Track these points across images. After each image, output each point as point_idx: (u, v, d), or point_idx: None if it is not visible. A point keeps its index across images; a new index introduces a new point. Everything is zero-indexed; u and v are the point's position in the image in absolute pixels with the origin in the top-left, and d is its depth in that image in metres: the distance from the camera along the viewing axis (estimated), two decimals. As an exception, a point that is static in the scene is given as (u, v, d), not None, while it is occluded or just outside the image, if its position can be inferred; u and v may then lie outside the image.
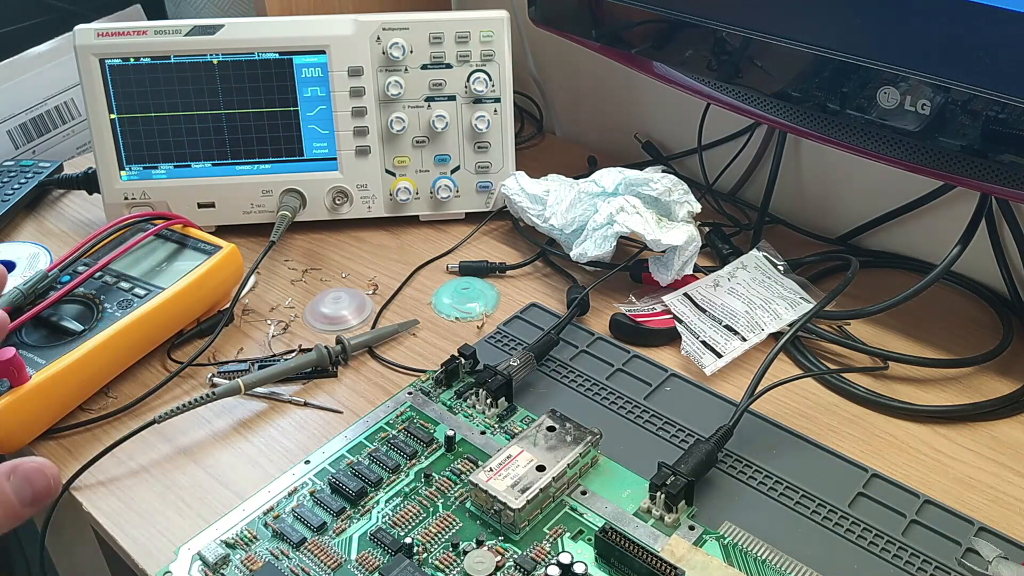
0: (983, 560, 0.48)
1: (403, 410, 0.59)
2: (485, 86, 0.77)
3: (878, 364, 0.64)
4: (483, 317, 0.70)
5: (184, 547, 0.50)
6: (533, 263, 0.76)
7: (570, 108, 1.00)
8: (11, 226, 0.83)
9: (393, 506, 0.52)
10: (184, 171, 0.77)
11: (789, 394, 0.61)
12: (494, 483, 0.51)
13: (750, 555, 0.49)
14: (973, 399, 0.61)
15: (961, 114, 0.52)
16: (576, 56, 0.92)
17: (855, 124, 0.58)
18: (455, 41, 0.77)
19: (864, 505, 0.52)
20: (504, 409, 0.59)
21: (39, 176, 0.87)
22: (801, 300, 0.67)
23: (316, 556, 0.49)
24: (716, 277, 0.70)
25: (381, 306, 0.71)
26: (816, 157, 0.80)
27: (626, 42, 0.70)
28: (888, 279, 0.73)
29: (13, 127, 0.97)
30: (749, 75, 0.63)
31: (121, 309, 0.63)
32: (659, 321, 0.67)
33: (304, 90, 0.76)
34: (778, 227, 0.80)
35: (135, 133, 0.76)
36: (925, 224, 0.74)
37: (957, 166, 0.55)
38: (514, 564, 0.48)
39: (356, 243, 0.79)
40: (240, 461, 0.57)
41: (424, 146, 0.79)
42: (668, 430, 0.58)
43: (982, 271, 0.71)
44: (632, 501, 0.52)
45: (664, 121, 0.91)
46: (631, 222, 0.68)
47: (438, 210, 0.81)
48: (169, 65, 0.75)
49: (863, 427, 0.59)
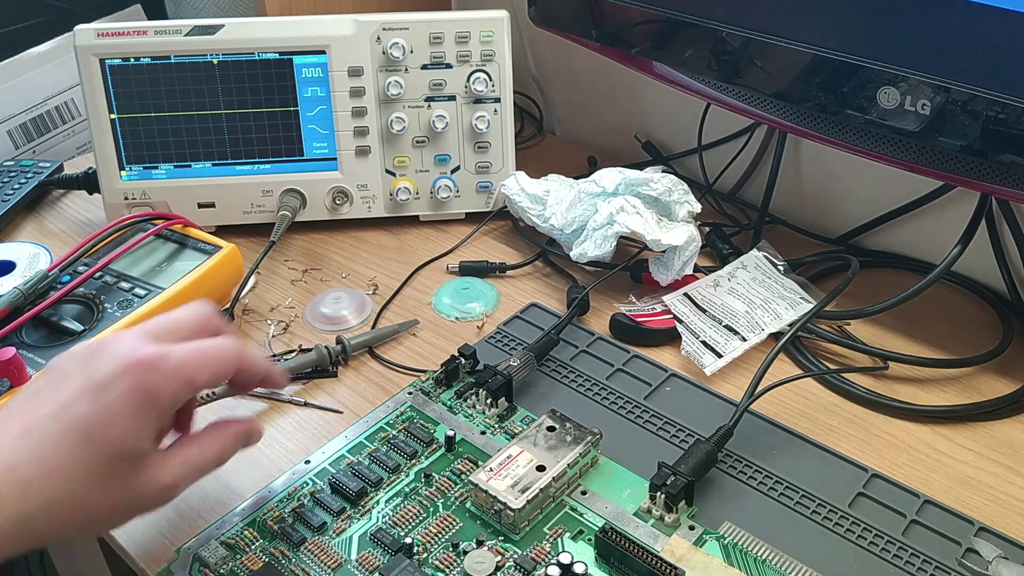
0: (983, 560, 0.48)
1: (403, 410, 0.59)
2: (485, 86, 0.77)
3: (878, 364, 0.64)
4: (483, 317, 0.70)
5: (184, 547, 0.50)
6: (533, 263, 0.76)
7: (570, 108, 1.00)
8: (11, 226, 0.83)
9: (393, 506, 0.52)
10: (184, 171, 0.77)
11: (789, 394, 0.61)
12: (494, 483, 0.51)
13: (750, 555, 0.49)
14: (973, 399, 0.61)
15: (961, 114, 0.52)
16: (576, 56, 0.92)
17: (855, 124, 0.58)
18: (455, 41, 0.77)
19: (864, 505, 0.52)
20: (504, 409, 0.59)
21: (39, 176, 0.87)
22: (801, 300, 0.67)
23: (316, 556, 0.49)
24: (716, 277, 0.70)
25: (381, 306, 0.71)
26: (816, 157, 0.80)
27: (626, 42, 0.70)
28: (888, 279, 0.73)
29: (13, 127, 0.97)
30: (749, 75, 0.63)
31: (121, 309, 0.63)
32: (659, 321, 0.67)
33: (304, 90, 0.76)
34: (778, 227, 0.80)
35: (135, 133, 0.76)
36: (925, 224, 0.74)
37: (957, 166, 0.55)
38: (514, 564, 0.48)
39: (356, 243, 0.79)
40: (240, 461, 0.56)
41: (424, 146, 0.79)
42: (668, 430, 0.58)
43: (982, 271, 0.71)
44: (632, 501, 0.52)
45: (664, 121, 0.91)
46: (631, 222, 0.68)
47: (438, 210, 0.81)
48: (169, 65, 0.75)
49: (863, 427, 0.59)
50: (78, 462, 0.43)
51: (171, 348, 0.46)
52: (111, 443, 0.43)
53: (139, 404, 0.44)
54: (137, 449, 0.45)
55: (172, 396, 0.46)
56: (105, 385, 0.44)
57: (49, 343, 0.61)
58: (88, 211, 0.85)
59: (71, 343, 0.60)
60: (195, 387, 0.47)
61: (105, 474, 0.43)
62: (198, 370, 0.47)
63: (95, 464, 0.43)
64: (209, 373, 0.47)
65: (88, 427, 0.43)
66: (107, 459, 0.43)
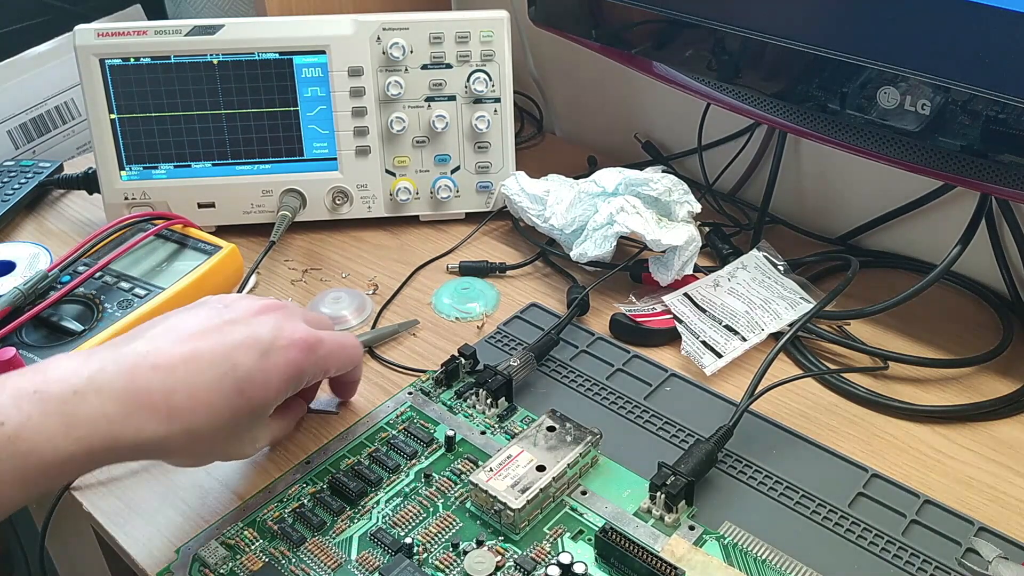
0: (983, 560, 0.48)
1: (403, 410, 0.59)
2: (485, 86, 0.77)
3: (878, 364, 0.64)
4: (483, 317, 0.70)
5: (184, 547, 0.50)
6: (533, 263, 0.76)
7: (570, 108, 1.00)
8: (11, 226, 0.83)
9: (393, 506, 0.52)
10: (184, 171, 0.77)
11: (789, 394, 0.61)
12: (494, 483, 0.51)
13: (750, 555, 0.49)
14: (973, 399, 0.61)
15: (961, 114, 0.52)
16: (576, 56, 0.92)
17: (855, 124, 0.58)
18: (455, 41, 0.77)
19: (864, 505, 0.52)
20: (504, 409, 0.59)
21: (39, 176, 0.87)
22: (801, 300, 0.67)
23: (316, 556, 0.49)
24: (716, 277, 0.70)
25: (381, 306, 0.71)
26: (816, 157, 0.80)
27: (626, 42, 0.70)
28: (888, 279, 0.73)
29: (13, 127, 0.97)
30: (749, 75, 0.63)
31: (121, 309, 0.63)
32: (659, 321, 0.67)
33: (304, 90, 0.76)
34: (778, 227, 0.80)
35: (135, 133, 0.76)
36: (925, 224, 0.74)
37: (957, 166, 0.55)
38: (514, 564, 0.48)
39: (356, 243, 0.79)
40: (240, 461, 0.57)
41: (424, 146, 0.79)
42: (668, 430, 0.58)
43: (982, 271, 0.71)
44: (632, 501, 0.52)
45: (664, 121, 0.91)
46: (631, 222, 0.68)
47: (438, 210, 0.81)
48: (169, 65, 0.75)
49: (863, 427, 0.59)
50: (224, 407, 0.46)
51: (323, 336, 0.52)
52: (256, 401, 0.48)
53: (289, 377, 0.49)
54: (266, 413, 0.50)
55: (312, 377, 0.52)
56: (269, 348, 0.48)
57: (49, 343, 0.61)
58: (88, 211, 0.85)
59: (71, 343, 0.60)
60: (328, 374, 0.54)
61: (237, 424, 0.48)
62: (336, 361, 0.53)
63: (236, 413, 0.47)
64: (339, 365, 0.54)
65: (246, 380, 0.47)
66: (246, 413, 0.48)
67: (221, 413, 0.46)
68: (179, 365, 0.46)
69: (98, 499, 0.55)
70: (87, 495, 0.55)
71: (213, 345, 0.47)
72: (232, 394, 0.46)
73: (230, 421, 0.47)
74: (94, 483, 0.55)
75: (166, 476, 0.56)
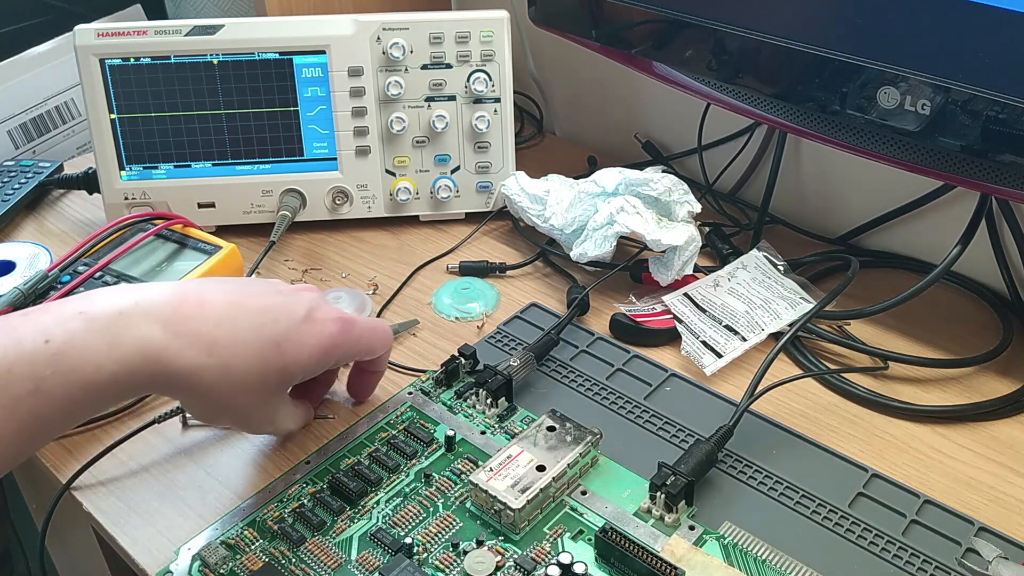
0: (983, 560, 0.48)
1: (403, 410, 0.59)
2: (485, 86, 0.77)
3: (878, 364, 0.64)
4: (483, 317, 0.70)
5: (184, 547, 0.50)
6: (533, 263, 0.76)
7: (570, 108, 1.00)
8: (11, 226, 0.83)
9: (393, 506, 0.52)
10: (184, 171, 0.77)
11: (789, 394, 0.61)
12: (494, 483, 0.51)
13: (750, 555, 0.49)
14: (973, 399, 0.61)
15: (961, 114, 0.52)
16: (576, 56, 0.92)
17: (855, 124, 0.58)
18: (455, 41, 0.77)
19: (864, 505, 0.52)
20: (504, 409, 0.59)
21: (39, 176, 0.87)
22: (801, 300, 0.67)
23: (316, 556, 0.49)
24: (716, 277, 0.70)
25: (381, 306, 0.71)
26: (816, 157, 0.80)
27: (626, 42, 0.70)
28: (888, 279, 0.73)
29: (13, 127, 0.97)
30: (749, 75, 0.63)
31: (121, 309, 0.63)
32: (659, 321, 0.67)
33: (304, 90, 0.76)
34: (778, 227, 0.80)
35: (135, 133, 0.76)
36: (925, 224, 0.74)
37: (957, 166, 0.55)
38: (514, 564, 0.48)
39: (356, 243, 0.79)
40: (240, 461, 0.57)
41: (424, 146, 0.79)
42: (668, 430, 0.58)
43: (982, 271, 0.71)
44: (632, 501, 0.52)
45: (664, 121, 0.91)
46: (631, 222, 0.68)
47: (438, 210, 0.81)
48: (169, 65, 0.75)
49: (863, 427, 0.59)
50: (260, 355, 0.48)
51: (357, 318, 0.55)
52: (289, 358, 0.50)
53: (324, 347, 0.51)
54: (293, 381, 0.52)
55: (341, 357, 0.54)
56: (308, 318, 0.51)
57: (49, 343, 0.61)
58: (88, 211, 0.85)
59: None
60: (358, 356, 0.56)
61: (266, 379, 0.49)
62: (367, 343, 0.55)
63: (268, 365, 0.49)
64: (370, 348, 0.56)
65: (284, 336, 0.49)
66: (278, 368, 0.49)
67: (256, 360, 0.48)
68: (225, 307, 0.48)
69: (98, 499, 0.55)
70: (87, 495, 0.55)
71: (258, 300, 0.50)
72: (269, 344, 0.49)
73: (262, 372, 0.49)
74: (94, 483, 0.56)
75: (166, 476, 0.56)
